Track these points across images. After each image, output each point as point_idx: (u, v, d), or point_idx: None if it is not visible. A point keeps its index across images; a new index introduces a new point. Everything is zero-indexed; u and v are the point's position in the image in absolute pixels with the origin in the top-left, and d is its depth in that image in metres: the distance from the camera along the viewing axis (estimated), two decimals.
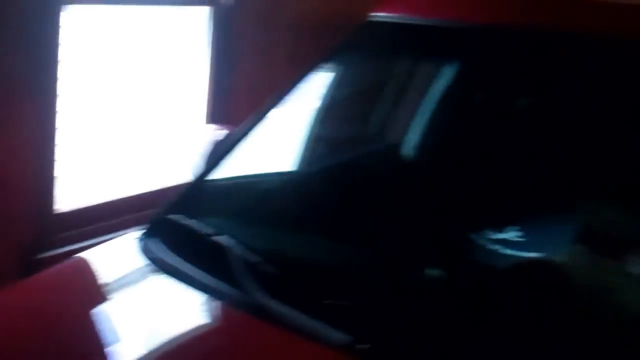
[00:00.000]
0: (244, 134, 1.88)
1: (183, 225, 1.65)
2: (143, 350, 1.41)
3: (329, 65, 1.96)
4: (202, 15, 3.11)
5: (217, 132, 2.01)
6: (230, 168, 1.85)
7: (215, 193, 1.86)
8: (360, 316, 1.34)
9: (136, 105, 3.00)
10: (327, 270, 1.51)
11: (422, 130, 2.03)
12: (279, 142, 1.95)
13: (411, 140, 2.03)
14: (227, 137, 1.95)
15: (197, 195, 1.81)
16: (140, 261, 1.61)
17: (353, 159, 1.97)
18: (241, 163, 1.86)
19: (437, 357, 1.27)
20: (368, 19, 1.95)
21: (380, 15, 1.94)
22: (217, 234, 1.57)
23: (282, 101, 1.89)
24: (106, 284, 1.62)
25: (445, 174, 1.93)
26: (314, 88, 1.93)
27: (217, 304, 1.48)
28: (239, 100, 3.15)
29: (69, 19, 2.58)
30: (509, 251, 1.57)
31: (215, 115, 3.12)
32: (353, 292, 1.41)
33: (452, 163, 1.95)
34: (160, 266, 1.58)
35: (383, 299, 1.39)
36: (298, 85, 1.90)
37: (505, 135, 1.90)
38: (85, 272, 1.69)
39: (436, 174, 1.98)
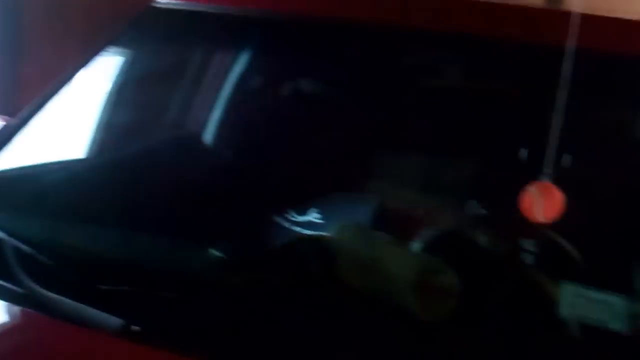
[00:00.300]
0: (21, 124, 1.81)
1: None
2: None
3: (110, 52, 1.93)
4: None
5: None
6: (6, 160, 1.77)
7: None
8: (137, 300, 1.34)
9: None
10: (106, 258, 1.49)
11: (208, 117, 2.04)
12: (57, 132, 1.89)
13: (195, 127, 2.04)
14: (4, 127, 1.87)
15: None
16: None
17: (131, 148, 1.95)
18: (18, 155, 1.79)
19: (210, 336, 1.29)
20: (150, 4, 1.94)
21: (162, 1, 1.94)
22: None
23: (61, 90, 1.84)
24: None
25: (236, 160, 1.96)
26: (92, 76, 1.90)
27: None
28: (30, 91, 3.01)
29: None
30: (308, 232, 1.62)
31: (2, 107, 2.97)
32: (133, 278, 1.41)
33: (242, 149, 1.99)
34: None
35: (161, 283, 1.40)
36: (77, 73, 1.86)
37: (295, 120, 1.96)
38: None
39: (227, 161, 2.01)
